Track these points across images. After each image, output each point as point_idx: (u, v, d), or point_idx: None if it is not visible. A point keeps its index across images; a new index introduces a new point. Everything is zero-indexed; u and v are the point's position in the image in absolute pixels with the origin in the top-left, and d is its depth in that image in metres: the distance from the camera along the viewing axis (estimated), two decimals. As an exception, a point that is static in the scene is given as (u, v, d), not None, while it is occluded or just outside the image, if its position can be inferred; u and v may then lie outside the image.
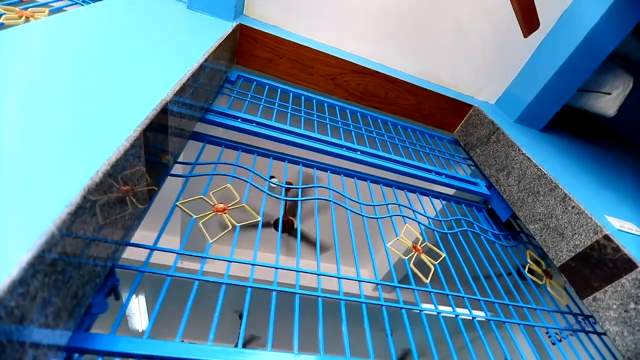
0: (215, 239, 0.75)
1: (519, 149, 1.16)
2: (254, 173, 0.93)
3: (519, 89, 1.48)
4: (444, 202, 1.25)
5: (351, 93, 1.44)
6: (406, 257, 0.92)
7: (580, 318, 1.00)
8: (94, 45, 0.73)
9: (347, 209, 0.97)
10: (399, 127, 1.46)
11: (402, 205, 1.06)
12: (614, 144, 1.92)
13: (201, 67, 0.84)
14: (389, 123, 1.46)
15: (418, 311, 0.80)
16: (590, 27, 1.21)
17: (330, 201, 0.96)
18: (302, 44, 1.29)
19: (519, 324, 0.87)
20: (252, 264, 0.72)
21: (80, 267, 0.44)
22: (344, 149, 1.15)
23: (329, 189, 1.00)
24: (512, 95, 1.51)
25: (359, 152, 1.16)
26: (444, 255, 0.97)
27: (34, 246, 0.34)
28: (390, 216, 1.03)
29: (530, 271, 1.08)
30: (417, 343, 0.73)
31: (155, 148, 0.64)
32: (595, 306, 0.83)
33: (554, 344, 0.92)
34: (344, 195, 1.01)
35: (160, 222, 0.70)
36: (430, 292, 0.86)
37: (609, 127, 2.12)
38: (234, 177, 0.90)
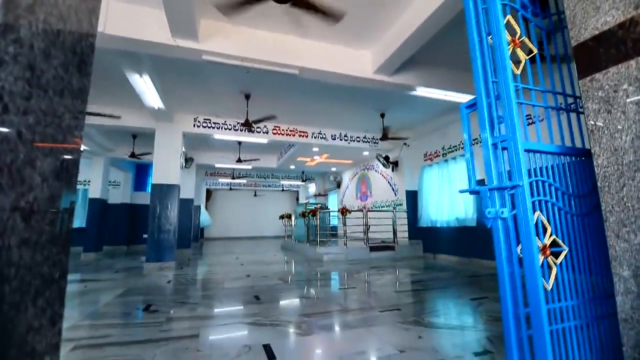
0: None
1: None
2: None
3: None
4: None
5: None
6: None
7: (568, 99, 1.06)
8: None
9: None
10: None
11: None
12: None
13: None
14: None
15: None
16: None
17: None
18: None
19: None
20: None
21: (66, 27, 0.41)
22: None
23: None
24: None
25: None
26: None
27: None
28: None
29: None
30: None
31: None
32: (589, 86, 0.85)
33: (533, 122, 1.02)
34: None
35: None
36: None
37: None
38: None
